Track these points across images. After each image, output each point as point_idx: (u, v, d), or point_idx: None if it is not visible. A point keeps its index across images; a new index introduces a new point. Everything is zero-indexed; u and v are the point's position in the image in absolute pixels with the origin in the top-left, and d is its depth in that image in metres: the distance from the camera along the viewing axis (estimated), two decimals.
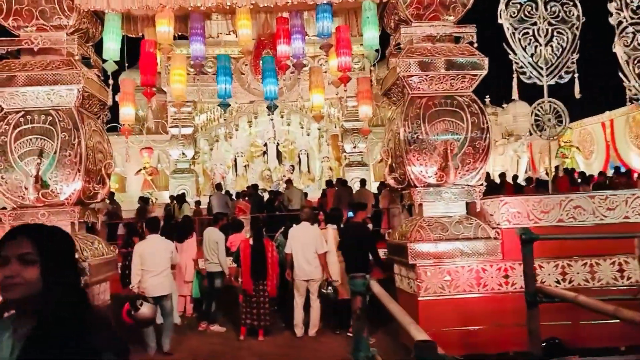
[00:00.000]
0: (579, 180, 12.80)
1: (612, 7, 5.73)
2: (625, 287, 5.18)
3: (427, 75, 5.37)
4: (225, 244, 7.36)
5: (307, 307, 6.59)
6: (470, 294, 5.14)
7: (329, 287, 6.28)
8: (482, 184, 5.45)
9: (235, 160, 19.16)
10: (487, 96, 17.84)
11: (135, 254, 6.01)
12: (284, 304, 6.92)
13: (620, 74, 5.76)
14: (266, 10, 6.07)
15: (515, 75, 5.55)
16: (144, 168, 17.34)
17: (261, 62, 7.28)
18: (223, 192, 13.38)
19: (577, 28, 5.52)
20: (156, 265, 5.93)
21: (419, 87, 5.42)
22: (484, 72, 5.37)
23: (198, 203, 13.19)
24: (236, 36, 6.10)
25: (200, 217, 11.86)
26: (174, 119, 16.80)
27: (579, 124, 19.16)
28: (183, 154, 16.92)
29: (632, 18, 5.70)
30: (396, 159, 5.59)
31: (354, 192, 11.38)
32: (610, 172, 16.52)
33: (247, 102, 16.94)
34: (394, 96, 5.90)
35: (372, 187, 15.42)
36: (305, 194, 12.51)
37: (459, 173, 5.31)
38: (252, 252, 6.49)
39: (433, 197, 5.37)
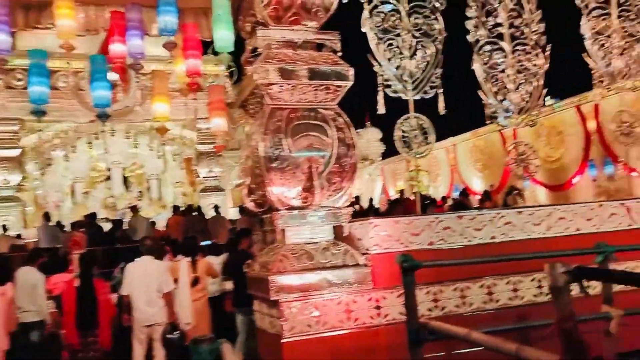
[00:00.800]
0: (427, 203, 13.30)
1: (470, 24, 5.69)
2: (493, 310, 4.98)
3: (289, 84, 4.76)
4: (45, 287, 5.98)
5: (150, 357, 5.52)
6: (340, 330, 4.54)
7: (175, 332, 5.31)
8: (349, 205, 4.93)
9: (73, 186, 17.11)
10: None
11: None
12: (122, 357, 5.74)
13: (479, 92, 5.71)
14: (96, 3, 5.05)
15: (381, 89, 5.19)
16: None
17: (89, 62, 6.07)
18: (53, 223, 11.52)
19: (439, 42, 5.34)
20: None
21: (279, 98, 4.79)
22: (350, 84, 4.91)
23: (19, 237, 11.21)
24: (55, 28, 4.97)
25: (23, 253, 10.01)
26: None
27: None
28: (6, 180, 14.62)
29: (488, 37, 5.70)
30: (256, 179, 4.86)
31: (208, 219, 10.42)
32: (455, 195, 17.58)
33: (87, 121, 15.21)
34: (251, 108, 5.21)
35: (230, 213, 14.64)
36: (153, 223, 11.22)
37: (325, 193, 4.74)
38: (79, 296, 5.28)
39: (297, 221, 4.73)
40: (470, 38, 5.69)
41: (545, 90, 5.91)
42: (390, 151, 21.38)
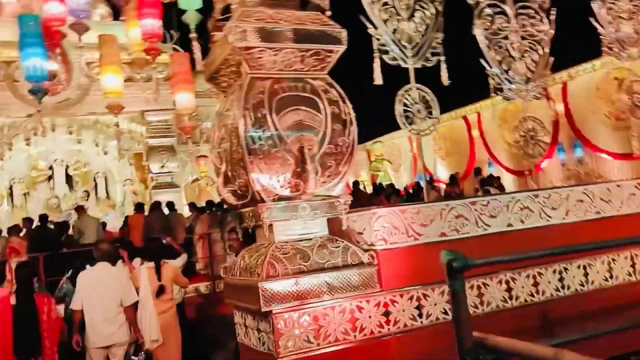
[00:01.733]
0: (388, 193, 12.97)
1: None
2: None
3: (271, 49, 3.93)
4: None
5: None
6: (344, 343, 3.78)
7: (141, 353, 4.42)
8: (346, 194, 4.16)
9: (10, 187, 15.69)
10: None
11: None
12: None
13: (482, 61, 5.04)
14: None
15: (377, 55, 4.42)
16: None
17: (18, 23, 4.89)
18: None
19: (439, 2, 4.63)
20: None
21: (260, 65, 3.96)
22: (343, 48, 4.14)
23: None
24: None
25: None
26: None
27: (390, 137, 19.76)
28: None
29: None
30: (234, 165, 4.01)
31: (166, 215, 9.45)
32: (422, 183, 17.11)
33: (24, 116, 13.85)
34: (224, 80, 4.35)
35: (185, 211, 13.71)
36: (103, 224, 10.10)
37: (320, 180, 3.94)
38: (16, 315, 4.29)
39: (287, 213, 3.91)
40: (470, 0, 5.01)
41: (552, 59, 5.31)
42: None
